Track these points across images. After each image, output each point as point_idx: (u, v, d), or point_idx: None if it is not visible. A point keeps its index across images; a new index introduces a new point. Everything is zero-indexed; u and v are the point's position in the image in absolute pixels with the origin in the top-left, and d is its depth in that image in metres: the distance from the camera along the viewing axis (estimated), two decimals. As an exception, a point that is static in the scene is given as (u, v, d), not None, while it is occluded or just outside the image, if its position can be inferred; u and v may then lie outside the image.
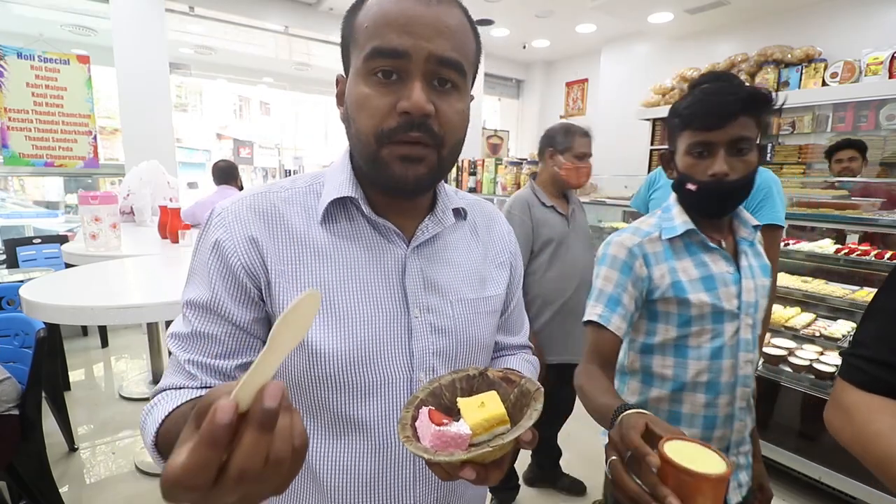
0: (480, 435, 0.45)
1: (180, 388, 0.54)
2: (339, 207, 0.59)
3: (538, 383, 0.50)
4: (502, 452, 0.44)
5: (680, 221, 0.93)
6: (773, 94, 0.87)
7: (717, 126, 0.84)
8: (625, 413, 0.67)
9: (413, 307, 0.59)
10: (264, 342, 0.51)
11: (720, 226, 0.95)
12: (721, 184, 0.86)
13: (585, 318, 0.93)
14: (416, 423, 0.47)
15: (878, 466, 0.53)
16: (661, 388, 0.95)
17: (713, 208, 0.92)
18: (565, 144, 1.72)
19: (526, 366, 0.73)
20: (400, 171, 0.52)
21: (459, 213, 0.67)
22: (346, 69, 0.56)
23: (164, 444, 0.48)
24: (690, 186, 0.90)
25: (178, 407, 0.50)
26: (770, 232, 1.40)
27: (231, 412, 0.28)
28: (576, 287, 1.72)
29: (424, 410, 0.47)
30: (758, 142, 0.89)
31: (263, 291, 0.55)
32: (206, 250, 0.55)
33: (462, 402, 0.49)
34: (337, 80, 0.58)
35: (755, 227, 0.97)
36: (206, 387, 0.54)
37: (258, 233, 0.55)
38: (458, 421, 0.46)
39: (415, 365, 0.58)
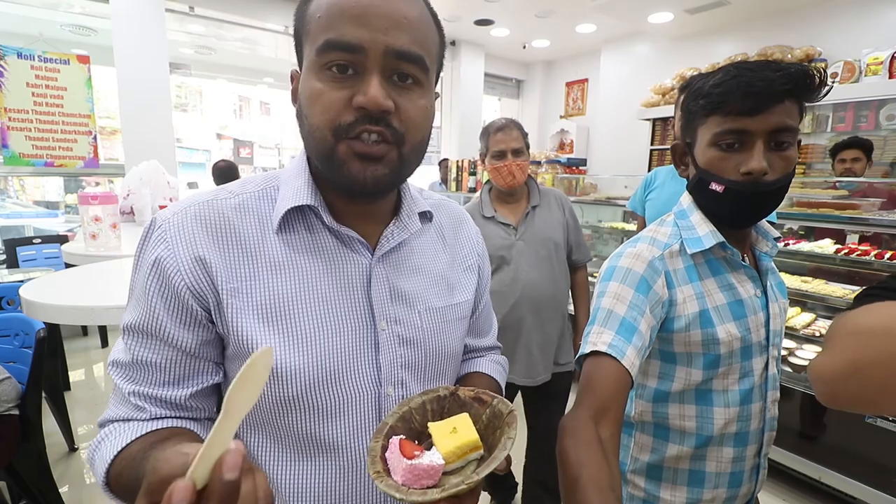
0: (454, 462, 0.44)
1: (128, 420, 0.50)
2: (296, 215, 0.54)
3: (510, 404, 0.48)
4: (478, 484, 0.42)
5: (705, 231, 0.74)
6: (823, 75, 0.67)
7: (758, 110, 0.64)
8: None
9: (380, 319, 0.55)
10: (216, 364, 0.54)
11: (742, 238, 0.77)
12: (757, 185, 0.66)
13: (586, 350, 0.67)
14: (387, 454, 0.45)
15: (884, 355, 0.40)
16: (682, 445, 0.76)
17: (745, 215, 0.72)
18: (485, 146, 1.60)
19: (495, 367, 0.73)
20: (357, 171, 0.48)
21: (425, 216, 0.63)
22: (300, 63, 0.52)
23: (116, 486, 0.46)
24: (716, 187, 0.70)
25: (127, 445, 0.47)
26: None
27: (188, 495, 0.27)
28: (512, 304, 1.53)
29: (395, 440, 0.45)
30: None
31: (213, 312, 0.50)
32: (145, 269, 0.50)
33: (433, 428, 0.47)
34: (291, 75, 0.54)
35: (776, 238, 0.79)
36: (155, 418, 0.50)
37: (205, 248, 0.49)
38: (429, 449, 0.45)
39: (383, 379, 0.55)
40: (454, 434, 0.45)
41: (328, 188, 0.55)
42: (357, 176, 0.48)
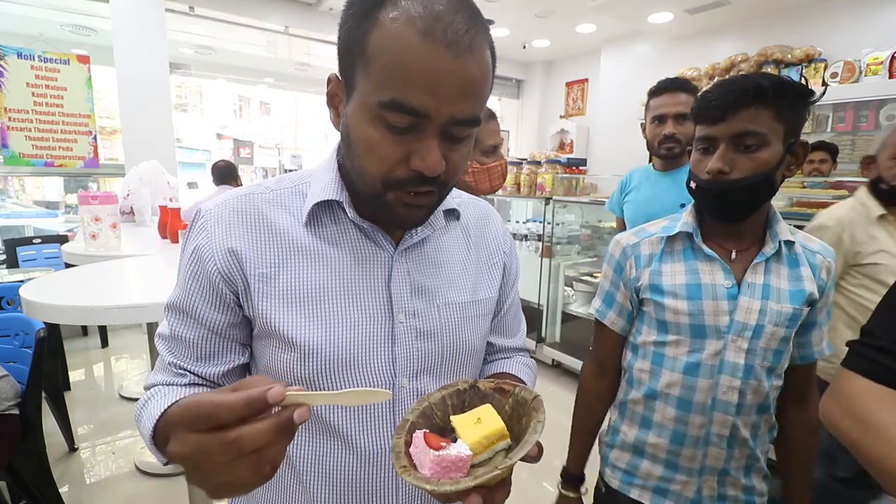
0: (481, 454, 0.43)
1: (171, 384, 0.55)
2: (324, 209, 0.58)
3: (534, 390, 0.47)
4: (509, 473, 0.42)
5: (680, 223, 0.88)
6: (797, 83, 0.76)
7: (721, 118, 0.77)
8: (561, 491, 0.96)
9: (398, 312, 0.57)
10: (243, 345, 0.59)
11: (740, 233, 0.85)
12: (719, 183, 0.78)
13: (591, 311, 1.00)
14: (411, 449, 0.44)
15: (876, 457, 0.50)
16: (637, 392, 0.92)
17: (717, 210, 0.83)
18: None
19: (523, 369, 0.72)
20: (402, 214, 0.52)
21: (452, 214, 0.65)
22: (346, 77, 0.50)
23: (162, 438, 0.48)
24: (692, 184, 0.84)
25: (175, 402, 0.49)
26: None
27: (280, 397, 0.35)
28: None
29: (419, 434, 0.44)
30: (792, 139, 0.78)
31: (241, 297, 0.55)
32: (187, 255, 0.56)
33: (456, 420, 0.46)
34: (330, 78, 0.53)
35: (787, 241, 0.83)
36: (195, 384, 0.56)
37: (239, 238, 0.54)
38: (454, 441, 0.44)
39: (397, 370, 0.57)
40: (479, 424, 0.44)
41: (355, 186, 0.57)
42: (401, 218, 0.52)
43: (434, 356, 0.60)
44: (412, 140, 0.47)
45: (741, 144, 0.77)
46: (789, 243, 0.84)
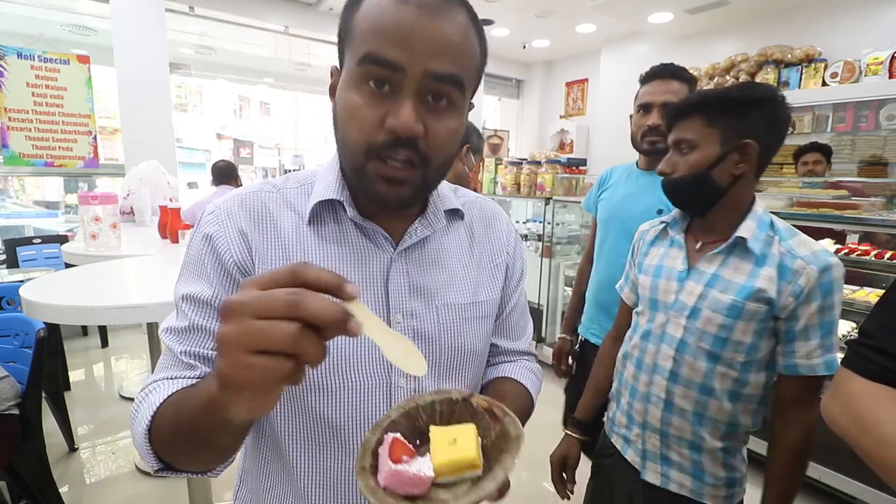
0: (446, 476, 0.41)
1: (175, 378, 0.53)
2: (327, 208, 0.58)
3: (520, 428, 0.43)
4: None
5: (672, 214, 1.05)
6: (729, 94, 0.89)
7: (670, 126, 0.97)
8: (566, 431, 1.16)
9: (395, 312, 0.57)
10: None
11: (709, 227, 0.96)
12: (665, 181, 0.98)
13: None
14: (380, 449, 0.42)
15: (876, 454, 0.51)
16: (621, 352, 1.11)
17: (673, 204, 1.02)
18: (479, 145, 1.74)
19: (528, 375, 0.70)
20: (383, 191, 0.51)
21: (456, 214, 0.65)
22: (341, 64, 0.53)
23: (158, 429, 0.47)
24: None
25: (176, 392, 0.49)
26: None
27: (354, 294, 0.34)
28: None
29: (388, 437, 0.42)
30: (744, 141, 0.88)
31: None
32: (197, 244, 0.56)
33: (434, 432, 0.44)
34: (332, 71, 0.56)
35: (740, 237, 0.89)
36: (204, 377, 0.52)
37: (248, 232, 0.55)
38: (424, 452, 0.42)
39: (394, 371, 0.57)
40: (452, 446, 0.41)
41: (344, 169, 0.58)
42: (382, 196, 0.51)
43: (433, 357, 0.59)
44: (390, 100, 0.48)
45: (679, 149, 0.94)
46: (741, 239, 0.89)
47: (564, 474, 1.18)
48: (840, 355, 0.76)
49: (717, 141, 0.89)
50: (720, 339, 0.90)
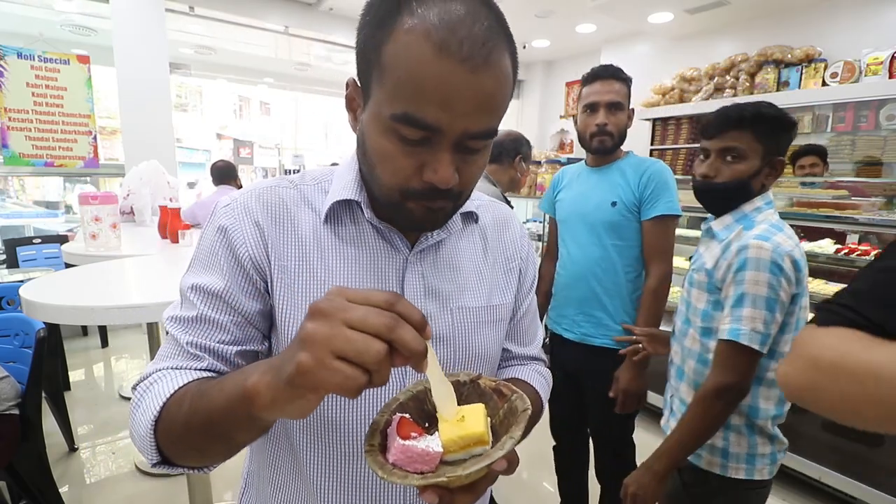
0: (455, 453, 0.41)
1: (181, 368, 0.51)
2: (344, 208, 0.58)
3: (527, 402, 0.45)
4: (467, 481, 0.39)
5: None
6: (777, 114, 1.00)
7: (712, 135, 1.05)
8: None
9: None
10: (264, 335, 0.58)
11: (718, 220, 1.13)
12: (703, 183, 1.08)
13: None
14: (388, 430, 0.43)
15: (832, 388, 0.46)
16: None
17: (702, 204, 1.13)
18: (529, 153, 1.92)
19: (537, 378, 0.70)
20: (420, 219, 0.52)
21: (470, 217, 0.65)
22: (363, 82, 0.50)
23: (168, 421, 0.46)
24: (691, 183, 1.16)
25: (186, 384, 0.47)
26: (666, 221, 1.45)
27: (427, 335, 0.36)
28: None
29: (396, 417, 0.43)
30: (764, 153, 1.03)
31: (269, 285, 0.55)
32: (211, 235, 0.55)
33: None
34: (348, 83, 0.53)
35: (709, 228, 1.11)
36: (209, 369, 0.52)
37: (265, 226, 0.54)
38: (432, 434, 0.42)
39: (407, 371, 0.57)
40: (460, 423, 0.42)
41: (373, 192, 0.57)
42: (418, 223, 0.52)
43: (446, 360, 0.59)
44: (425, 152, 0.46)
45: (724, 157, 1.04)
46: (710, 229, 1.11)
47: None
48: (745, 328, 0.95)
49: (760, 155, 1.02)
50: (703, 310, 1.09)
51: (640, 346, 1.33)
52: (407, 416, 0.44)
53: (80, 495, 1.99)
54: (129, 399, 2.73)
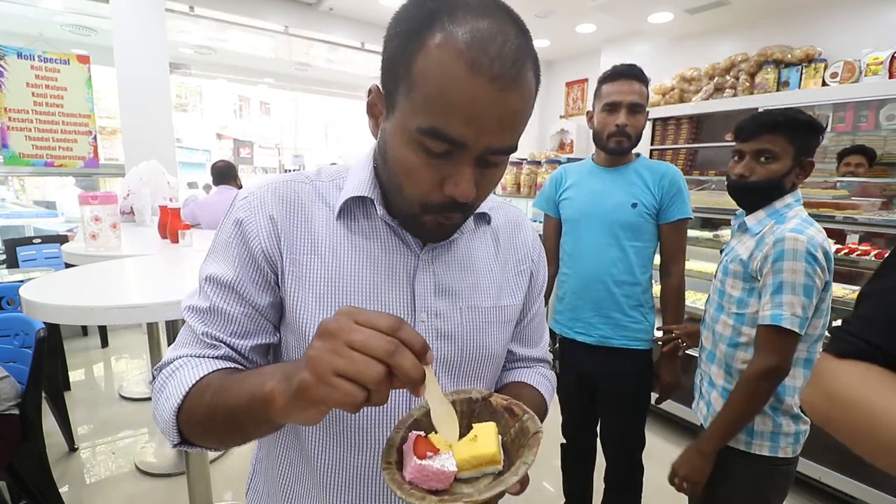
0: (468, 472, 0.43)
1: (202, 356, 0.54)
2: (357, 205, 0.59)
3: (539, 424, 0.46)
4: (482, 502, 0.40)
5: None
6: (808, 119, 1.09)
7: (746, 139, 1.14)
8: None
9: (420, 311, 0.58)
10: (276, 326, 0.60)
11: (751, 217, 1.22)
12: (738, 182, 1.17)
13: None
14: (405, 447, 0.45)
15: (844, 421, 0.51)
16: None
17: (736, 201, 1.22)
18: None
19: (542, 381, 0.71)
20: (434, 230, 0.54)
21: (483, 218, 0.65)
22: (387, 91, 0.50)
23: (191, 408, 0.49)
24: (726, 182, 1.25)
25: (208, 374, 0.50)
26: (682, 225, 1.50)
27: (429, 360, 0.39)
28: None
29: (412, 435, 0.45)
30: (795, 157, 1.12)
31: (279, 277, 0.56)
32: (228, 227, 0.57)
33: None
34: (371, 89, 0.53)
35: (743, 223, 1.21)
36: (227, 357, 0.55)
37: (279, 220, 0.56)
38: (446, 453, 0.44)
39: None
40: (473, 442, 0.44)
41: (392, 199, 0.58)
42: (432, 233, 0.55)
43: (453, 358, 0.60)
44: (447, 165, 0.47)
45: (758, 158, 1.12)
46: (743, 224, 1.19)
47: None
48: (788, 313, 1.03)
49: (792, 156, 1.10)
50: (738, 298, 1.16)
51: (680, 341, 1.44)
52: (422, 433, 0.45)
53: (80, 495, 1.99)
54: (129, 399, 2.75)
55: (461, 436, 0.46)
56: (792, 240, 1.04)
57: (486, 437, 0.44)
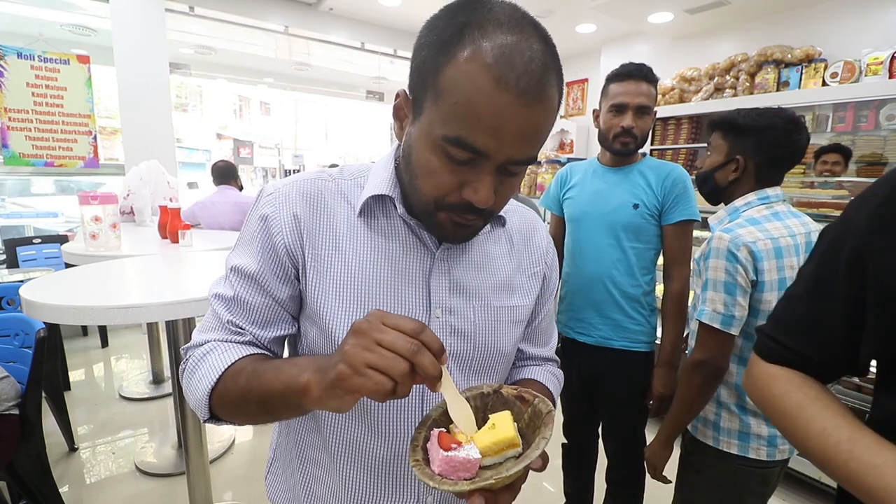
0: (491, 457, 0.46)
1: (230, 342, 0.58)
2: (378, 203, 0.61)
3: (550, 404, 0.50)
4: (510, 480, 0.44)
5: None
6: (742, 117, 1.14)
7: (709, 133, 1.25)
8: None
9: (435, 307, 0.60)
10: (295, 318, 0.64)
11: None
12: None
13: None
14: (428, 445, 0.48)
15: (777, 426, 0.59)
16: None
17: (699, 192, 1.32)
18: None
19: (550, 378, 0.73)
20: (450, 232, 0.56)
21: (498, 220, 0.67)
22: (415, 97, 0.52)
23: (224, 391, 0.53)
24: None
25: (240, 359, 0.54)
26: (687, 226, 1.46)
27: (445, 360, 0.45)
28: None
29: (435, 432, 0.48)
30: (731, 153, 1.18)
31: (300, 272, 0.59)
32: (254, 222, 0.59)
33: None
34: (398, 93, 0.55)
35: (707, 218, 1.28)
36: (252, 343, 0.59)
37: (303, 217, 0.58)
38: (469, 444, 0.47)
39: None
40: (492, 430, 0.47)
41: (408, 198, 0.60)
42: (449, 235, 0.57)
43: (466, 355, 0.62)
44: (468, 172, 0.50)
45: (707, 152, 1.23)
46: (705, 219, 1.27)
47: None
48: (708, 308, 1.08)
49: (724, 152, 1.17)
50: (694, 291, 1.22)
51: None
52: (443, 429, 0.49)
53: (80, 495, 1.99)
54: (129, 399, 2.75)
55: (479, 428, 0.49)
56: (717, 238, 1.08)
57: (503, 424, 0.47)
